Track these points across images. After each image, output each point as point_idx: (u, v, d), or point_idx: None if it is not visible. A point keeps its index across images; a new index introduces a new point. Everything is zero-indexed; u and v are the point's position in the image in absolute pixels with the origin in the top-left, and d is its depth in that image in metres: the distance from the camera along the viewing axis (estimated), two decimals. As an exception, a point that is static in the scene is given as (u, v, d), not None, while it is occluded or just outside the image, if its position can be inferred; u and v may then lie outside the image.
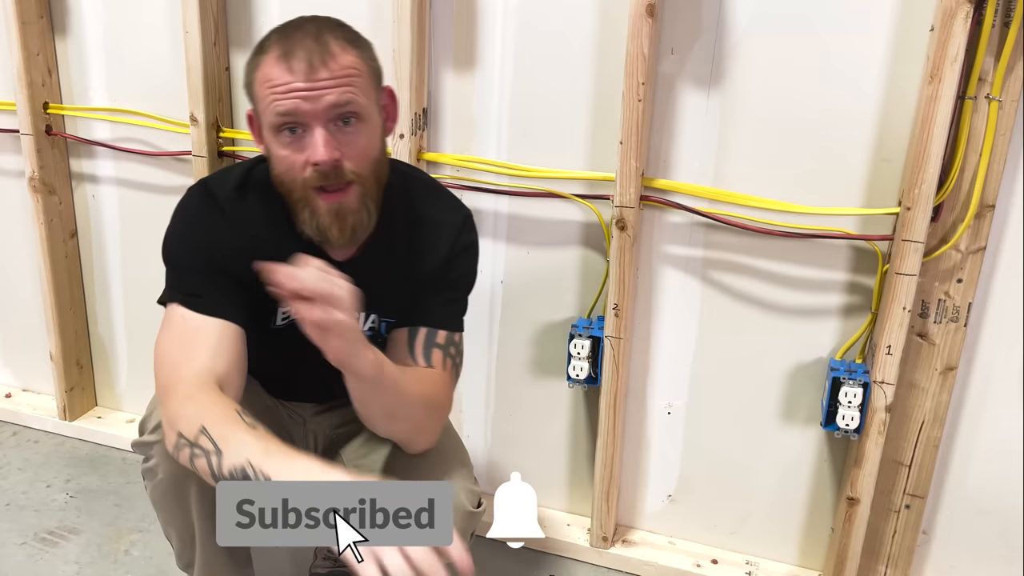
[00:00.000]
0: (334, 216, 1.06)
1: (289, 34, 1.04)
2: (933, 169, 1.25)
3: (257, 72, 1.05)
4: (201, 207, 1.14)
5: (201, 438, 0.97)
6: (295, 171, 1.05)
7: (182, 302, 1.09)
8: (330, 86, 1.01)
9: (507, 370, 1.65)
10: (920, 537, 1.50)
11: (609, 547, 1.64)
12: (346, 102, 1.02)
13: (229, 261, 1.10)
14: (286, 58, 1.02)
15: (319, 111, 1.01)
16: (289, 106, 1.01)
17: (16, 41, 1.67)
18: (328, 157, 1.02)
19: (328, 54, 1.02)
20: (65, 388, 1.94)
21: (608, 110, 1.43)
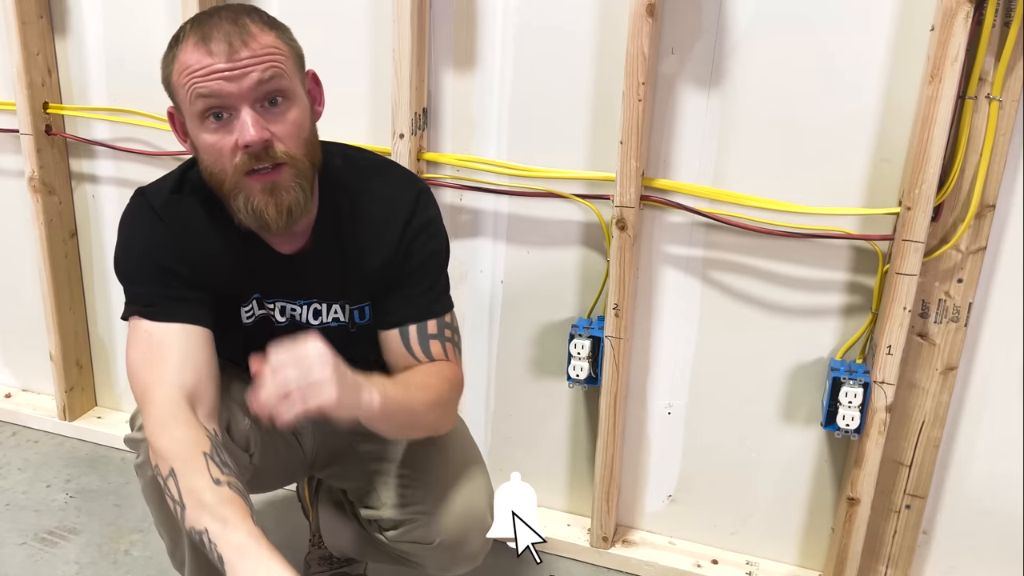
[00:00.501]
0: (268, 194, 1.02)
1: (204, 21, 1.02)
2: (933, 169, 1.25)
3: (174, 63, 1.02)
4: (140, 216, 1.13)
5: (170, 481, 0.99)
6: (224, 158, 1.01)
7: (140, 314, 1.09)
8: (253, 63, 0.99)
9: (507, 370, 1.65)
10: (920, 537, 1.50)
11: (609, 547, 1.64)
12: (271, 77, 0.99)
13: (179, 265, 1.10)
14: (204, 41, 0.99)
15: (244, 91, 0.98)
16: (212, 87, 0.98)
17: (16, 41, 1.67)
18: (258, 136, 0.99)
19: (248, 34, 1.00)
20: (65, 388, 1.94)
21: (608, 110, 1.43)
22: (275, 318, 1.18)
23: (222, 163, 1.02)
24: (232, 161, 1.01)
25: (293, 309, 1.18)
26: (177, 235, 1.10)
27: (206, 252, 1.11)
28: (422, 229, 1.16)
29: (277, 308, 1.18)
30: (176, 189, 1.13)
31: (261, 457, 1.21)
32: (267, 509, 1.71)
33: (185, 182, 1.13)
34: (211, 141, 1.01)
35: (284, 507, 1.71)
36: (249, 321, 1.18)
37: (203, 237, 1.11)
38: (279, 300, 1.17)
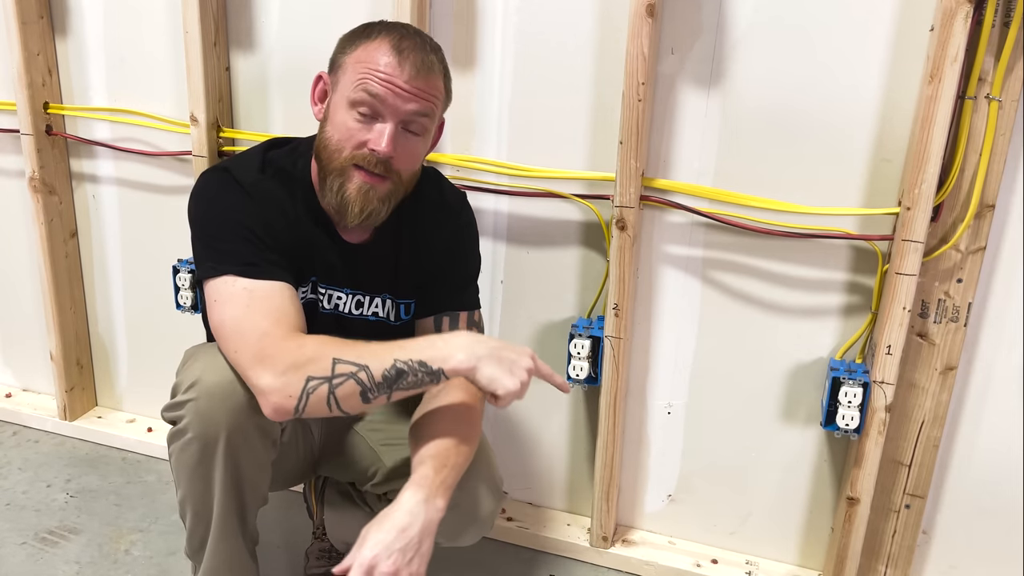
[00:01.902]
0: (362, 194, 1.14)
1: (403, 34, 1.14)
2: (933, 169, 1.25)
3: (361, 49, 1.13)
4: (230, 188, 1.18)
5: (339, 366, 1.05)
6: (350, 143, 1.13)
7: (238, 272, 1.13)
8: (420, 97, 1.12)
9: (507, 370, 1.65)
10: (920, 537, 1.50)
11: (609, 547, 1.64)
12: (423, 114, 1.14)
13: (265, 235, 1.16)
14: (399, 53, 1.11)
15: (400, 111, 1.12)
16: (381, 92, 1.10)
17: (16, 41, 1.67)
18: (389, 150, 1.12)
19: (431, 72, 1.13)
20: (65, 388, 1.94)
21: (608, 110, 1.43)
22: (322, 304, 1.25)
23: (344, 144, 1.13)
24: (353, 150, 1.13)
25: (339, 298, 1.26)
26: (262, 210, 1.17)
27: (283, 229, 1.18)
28: (467, 225, 1.33)
29: (326, 296, 1.25)
30: (260, 170, 1.20)
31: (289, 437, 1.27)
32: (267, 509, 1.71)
33: (267, 164, 1.21)
34: (349, 125, 1.13)
35: (284, 507, 1.72)
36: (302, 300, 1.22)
37: (281, 216, 1.19)
38: (331, 288, 1.25)
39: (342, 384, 1.05)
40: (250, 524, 1.25)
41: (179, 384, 1.17)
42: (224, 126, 1.64)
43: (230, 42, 1.62)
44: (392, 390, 1.06)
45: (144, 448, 1.89)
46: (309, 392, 1.05)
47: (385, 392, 1.06)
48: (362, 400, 1.06)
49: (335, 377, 1.05)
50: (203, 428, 1.12)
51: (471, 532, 1.27)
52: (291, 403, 1.05)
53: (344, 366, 1.05)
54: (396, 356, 1.06)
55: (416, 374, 1.06)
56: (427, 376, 1.07)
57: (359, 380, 1.05)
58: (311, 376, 1.05)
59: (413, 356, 1.06)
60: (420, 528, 1.05)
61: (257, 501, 1.24)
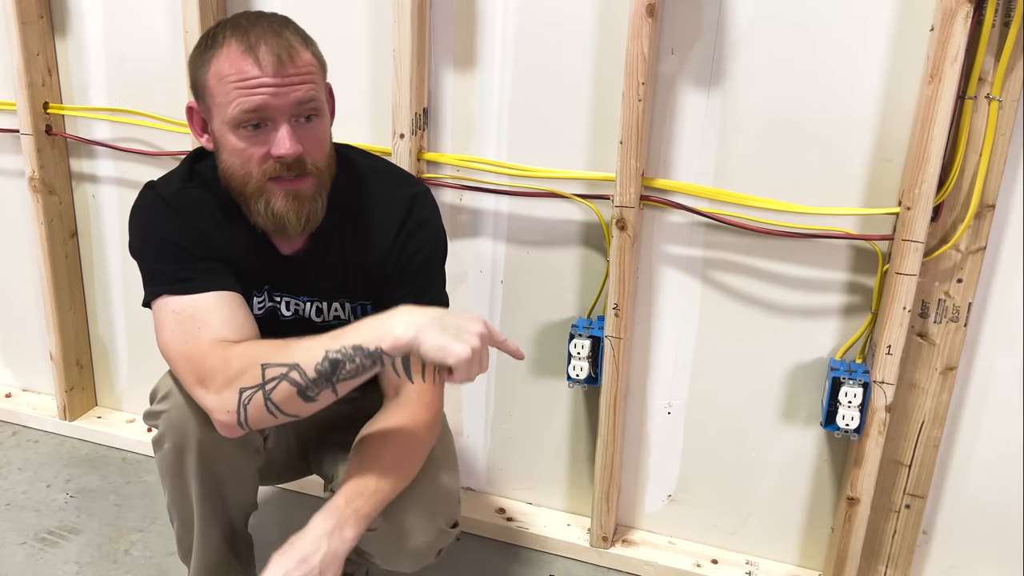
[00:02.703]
0: (291, 201, 1.07)
1: (246, 28, 1.04)
2: (933, 169, 1.25)
3: (212, 65, 1.04)
4: (152, 204, 1.15)
5: (268, 371, 0.99)
6: (252, 163, 1.05)
7: (171, 291, 1.09)
8: (297, 82, 1.03)
9: (507, 370, 1.65)
10: (920, 537, 1.50)
11: (609, 547, 1.64)
12: (310, 99, 1.05)
13: (195, 246, 1.12)
14: (251, 51, 1.02)
15: (286, 107, 1.03)
16: (258, 102, 1.02)
17: (16, 41, 1.67)
18: (293, 151, 1.04)
19: (293, 50, 1.04)
20: (65, 388, 1.94)
21: (608, 110, 1.43)
22: (281, 312, 1.21)
23: (248, 167, 1.06)
24: (260, 167, 1.05)
25: (298, 304, 1.21)
26: (190, 221, 1.13)
27: (213, 237, 1.13)
28: (417, 228, 1.19)
29: (283, 302, 1.20)
30: (186, 180, 1.16)
31: (273, 442, 1.25)
32: (266, 508, 1.71)
33: (194, 175, 1.16)
34: (242, 147, 1.05)
35: (283, 507, 1.72)
36: (260, 312, 1.19)
37: (214, 226, 1.14)
38: (285, 295, 1.20)
39: (275, 388, 0.99)
40: (238, 530, 1.24)
41: (155, 391, 1.17)
42: (224, 126, 1.64)
43: (230, 42, 1.62)
44: (333, 383, 0.99)
45: (144, 448, 1.89)
46: (245, 404, 1.00)
47: (325, 386, 0.99)
48: (303, 400, 1.00)
49: (267, 383, 0.99)
50: (177, 439, 1.12)
51: (408, 560, 1.20)
52: (233, 418, 1.01)
53: (273, 370, 0.99)
54: (328, 347, 0.98)
55: (353, 360, 0.98)
56: (367, 359, 0.98)
57: (292, 381, 0.99)
58: (243, 387, 1.00)
59: (347, 342, 0.98)
60: (321, 559, 1.02)
61: (242, 508, 1.23)
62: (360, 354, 0.98)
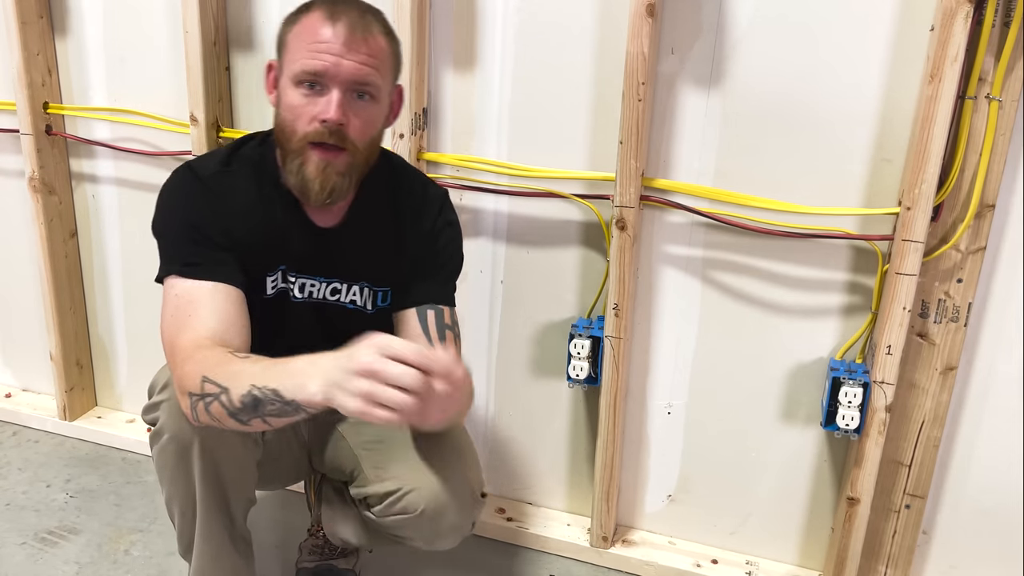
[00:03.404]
0: (320, 171, 1.12)
1: (336, 3, 1.12)
2: (933, 169, 1.25)
3: (296, 25, 1.12)
4: (185, 185, 1.19)
5: (206, 385, 1.02)
6: (301, 121, 1.11)
7: (179, 272, 1.13)
8: (360, 61, 1.09)
9: (507, 370, 1.65)
10: (920, 537, 1.50)
11: (609, 547, 1.64)
12: (367, 80, 1.10)
13: (218, 234, 1.15)
14: (332, 19, 1.09)
15: (342, 77, 1.09)
16: (319, 65, 1.08)
17: (16, 41, 1.67)
18: (337, 117, 1.09)
19: (368, 32, 1.11)
20: (65, 388, 1.94)
21: (608, 110, 1.43)
22: (293, 294, 1.24)
23: (297, 124, 1.12)
24: (306, 127, 1.11)
25: (312, 286, 1.24)
26: (220, 204, 1.16)
27: (246, 220, 1.17)
28: (447, 226, 1.29)
29: (297, 284, 1.23)
30: (225, 163, 1.20)
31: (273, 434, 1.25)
32: (263, 508, 1.71)
33: (234, 158, 1.21)
34: (297, 103, 1.11)
35: (282, 506, 1.72)
36: (271, 294, 1.22)
37: (245, 206, 1.18)
38: (302, 276, 1.23)
39: (211, 405, 1.02)
40: (238, 522, 1.25)
41: (155, 384, 1.19)
42: (224, 126, 1.64)
43: (230, 42, 1.62)
44: (261, 416, 0.99)
45: (144, 448, 1.89)
46: (194, 408, 1.04)
47: (254, 416, 0.99)
48: (237, 422, 1.01)
49: (205, 396, 1.02)
50: (177, 427, 1.13)
51: (448, 537, 1.24)
52: (191, 416, 1.06)
53: (210, 386, 1.02)
54: (254, 382, 0.98)
55: (273, 404, 0.98)
56: (286, 406, 0.97)
57: (223, 403, 1.01)
58: (191, 393, 1.04)
59: (270, 383, 0.98)
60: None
61: (242, 499, 1.24)
62: (279, 400, 0.98)
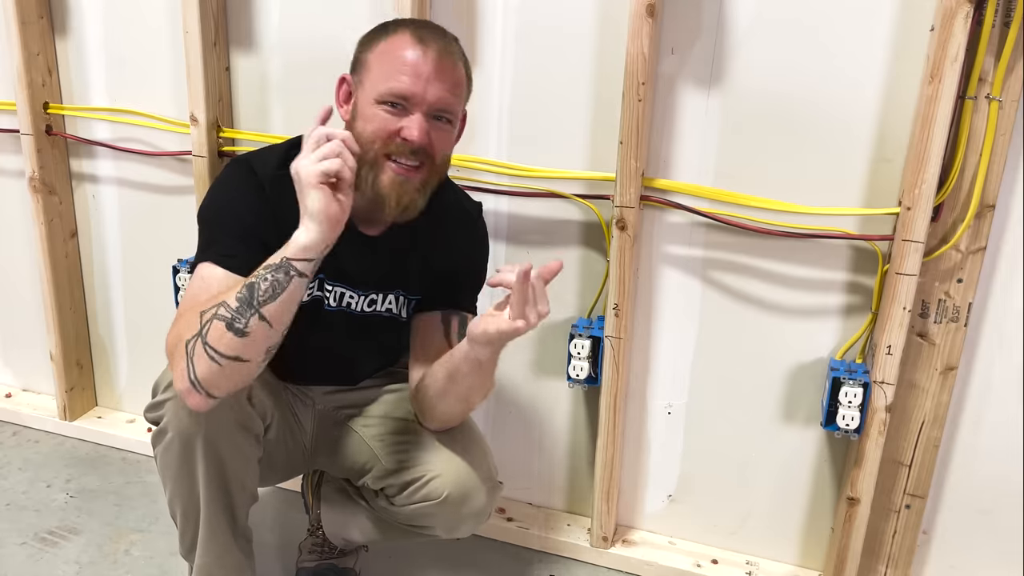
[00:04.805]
0: (396, 186, 1.14)
1: (421, 26, 1.17)
2: (933, 169, 1.25)
3: (383, 44, 1.15)
4: (244, 180, 1.20)
5: (204, 316, 1.04)
6: (382, 135, 1.13)
7: (215, 261, 1.14)
8: (446, 88, 1.14)
9: (507, 370, 1.65)
10: (920, 537, 1.50)
11: (609, 547, 1.64)
12: (449, 106, 1.15)
13: (266, 236, 1.15)
14: (421, 43, 1.13)
15: (427, 101, 1.13)
16: (407, 87, 1.12)
17: (16, 41, 1.67)
18: (421, 140, 1.13)
19: (453, 61, 1.15)
20: (65, 388, 1.94)
21: (608, 110, 1.43)
22: (327, 302, 1.26)
23: (375, 137, 1.14)
24: (386, 141, 1.13)
25: (351, 297, 1.27)
26: (272, 208, 1.17)
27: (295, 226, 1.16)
28: (483, 237, 1.36)
29: (334, 294, 1.26)
30: (282, 166, 1.19)
31: (274, 435, 1.27)
32: (263, 508, 1.71)
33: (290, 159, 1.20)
34: (381, 117, 1.13)
35: (281, 506, 1.72)
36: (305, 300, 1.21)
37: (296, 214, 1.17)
38: (340, 285, 1.25)
39: (209, 330, 1.03)
40: (240, 521, 1.25)
41: (159, 383, 1.19)
42: (224, 126, 1.64)
43: (230, 42, 1.62)
44: (256, 308, 1.02)
45: (144, 448, 1.89)
46: (191, 357, 1.04)
47: (250, 313, 1.02)
48: (235, 334, 1.02)
49: (203, 328, 1.03)
50: (182, 425, 1.13)
51: (468, 523, 1.28)
52: (186, 378, 1.04)
53: (207, 313, 1.04)
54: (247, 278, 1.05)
55: (265, 279, 1.03)
56: (276, 272, 1.03)
57: (220, 316, 1.03)
58: (187, 340, 1.04)
59: (258, 269, 1.05)
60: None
61: (245, 497, 1.24)
62: (269, 270, 1.04)
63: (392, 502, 1.28)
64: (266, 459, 1.27)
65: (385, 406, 1.36)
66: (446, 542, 1.31)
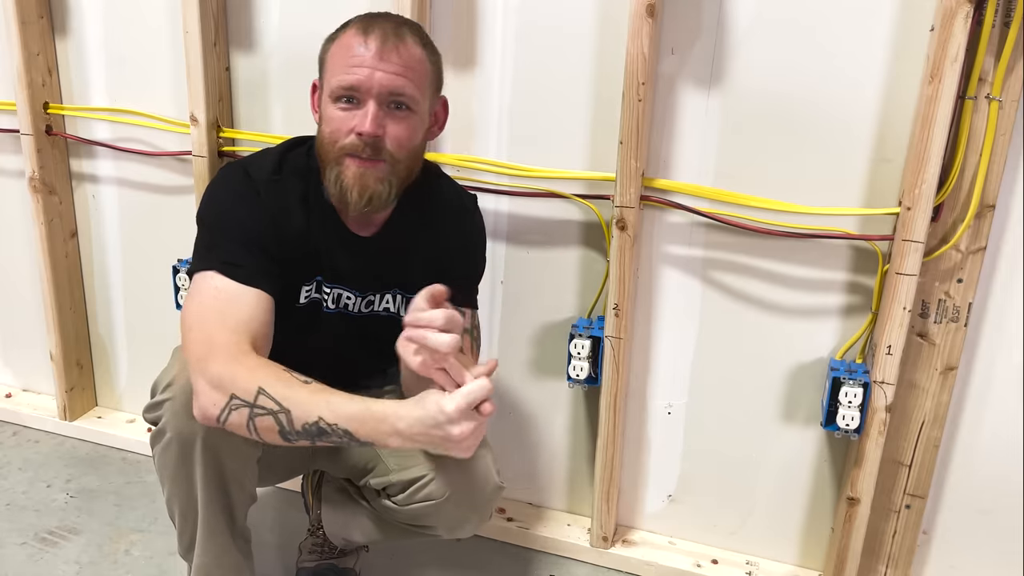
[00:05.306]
0: (357, 179, 1.14)
1: (371, 18, 1.16)
2: (933, 169, 1.25)
3: (334, 43, 1.16)
4: (243, 187, 1.20)
5: (261, 398, 1.04)
6: (339, 134, 1.14)
7: (220, 270, 1.14)
8: (393, 72, 1.12)
9: (507, 370, 1.65)
10: (920, 537, 1.50)
11: (609, 547, 1.64)
12: (400, 91, 1.13)
13: (269, 242, 1.17)
14: (364, 33, 1.12)
15: (376, 88, 1.11)
16: (353, 80, 1.11)
17: (16, 41, 1.67)
18: (371, 130, 1.11)
19: (402, 43, 1.13)
20: (65, 388, 1.94)
21: (608, 110, 1.43)
22: (326, 305, 1.26)
23: (336, 136, 1.14)
24: (344, 139, 1.14)
25: (348, 298, 1.27)
26: (272, 214, 1.18)
27: (290, 231, 1.20)
28: (480, 232, 1.35)
29: (332, 296, 1.26)
30: (276, 171, 1.22)
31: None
32: (263, 508, 1.71)
33: (284, 163, 1.23)
34: (336, 116, 1.14)
35: (281, 506, 1.72)
36: (303, 303, 1.24)
37: (292, 216, 1.20)
38: (338, 287, 1.25)
39: (262, 417, 1.04)
40: (239, 522, 1.25)
41: (157, 383, 1.19)
42: (224, 126, 1.64)
43: (230, 42, 1.62)
44: (314, 442, 1.05)
45: (144, 448, 1.89)
46: (232, 409, 1.05)
47: (306, 440, 1.05)
48: (282, 439, 1.05)
49: (256, 407, 1.04)
50: (181, 426, 1.13)
51: (471, 523, 1.28)
52: (214, 412, 1.06)
53: (266, 400, 1.04)
54: (323, 415, 1.03)
55: (340, 438, 1.05)
56: (352, 442, 1.05)
57: (278, 420, 1.04)
58: (235, 396, 1.05)
59: (342, 423, 1.04)
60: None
61: (244, 497, 1.24)
62: (348, 437, 1.04)
63: (393, 502, 1.28)
64: (265, 459, 1.27)
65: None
66: (446, 542, 1.31)
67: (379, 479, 1.30)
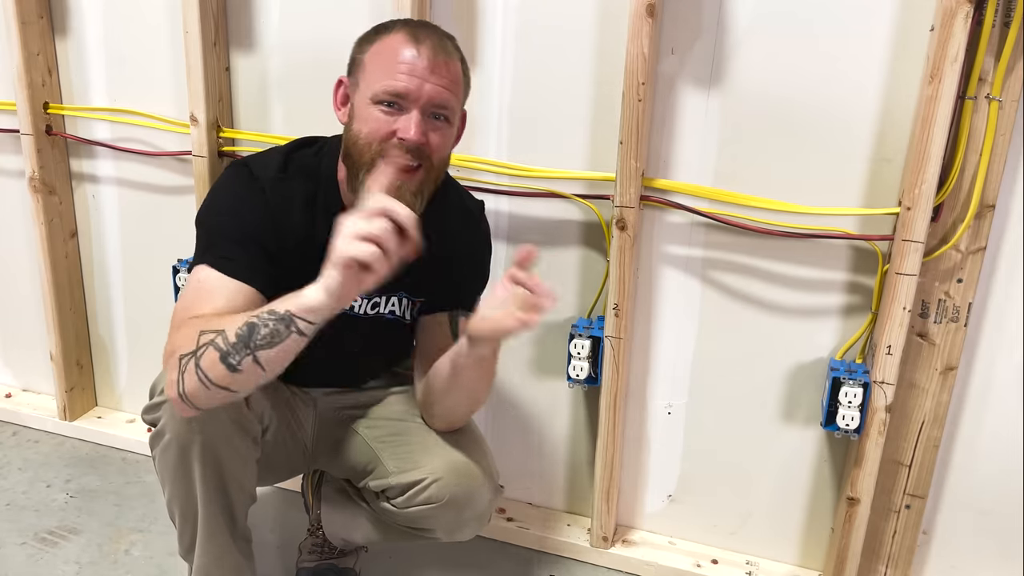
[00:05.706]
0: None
1: (416, 25, 1.17)
2: (933, 169, 1.25)
3: (377, 44, 1.15)
4: (244, 184, 1.20)
5: (202, 337, 1.02)
6: (379, 135, 1.12)
7: (212, 264, 1.14)
8: (441, 85, 1.13)
9: (507, 370, 1.65)
10: (920, 537, 1.50)
11: (609, 547, 1.64)
12: (445, 104, 1.14)
13: (265, 240, 1.16)
14: (415, 42, 1.12)
15: (424, 97, 1.12)
16: (403, 86, 1.11)
17: (16, 41, 1.67)
18: (418, 138, 1.12)
19: (449, 56, 1.15)
20: (65, 388, 1.94)
21: (608, 110, 1.43)
22: None
23: (372, 138, 1.13)
24: (383, 143, 1.13)
25: (354, 300, 1.25)
26: (273, 211, 1.18)
27: (295, 231, 1.19)
28: (486, 236, 1.36)
29: None
30: (282, 169, 1.21)
31: (272, 436, 1.27)
32: (263, 507, 1.71)
33: (290, 163, 1.23)
34: (376, 117, 1.13)
35: (281, 506, 1.72)
36: None
37: (296, 217, 1.19)
38: None
39: (204, 353, 1.01)
40: (239, 522, 1.25)
41: (156, 384, 1.19)
42: (224, 126, 1.64)
43: (230, 42, 1.62)
44: (251, 350, 1.00)
45: (144, 448, 1.89)
46: (183, 372, 1.02)
47: (244, 353, 1.00)
48: (225, 367, 1.00)
49: (199, 349, 1.02)
50: (179, 427, 1.13)
51: (470, 526, 1.28)
52: (175, 390, 1.04)
53: (206, 336, 1.02)
54: (251, 314, 1.01)
55: (267, 325, 1.00)
56: (279, 322, 1.00)
57: (216, 345, 1.01)
58: (182, 355, 1.03)
59: (265, 311, 1.01)
60: None
61: (244, 498, 1.24)
62: (272, 318, 1.00)
63: (393, 504, 1.28)
64: (265, 459, 1.27)
65: (388, 408, 1.36)
66: (446, 542, 1.31)
67: (378, 481, 1.30)
